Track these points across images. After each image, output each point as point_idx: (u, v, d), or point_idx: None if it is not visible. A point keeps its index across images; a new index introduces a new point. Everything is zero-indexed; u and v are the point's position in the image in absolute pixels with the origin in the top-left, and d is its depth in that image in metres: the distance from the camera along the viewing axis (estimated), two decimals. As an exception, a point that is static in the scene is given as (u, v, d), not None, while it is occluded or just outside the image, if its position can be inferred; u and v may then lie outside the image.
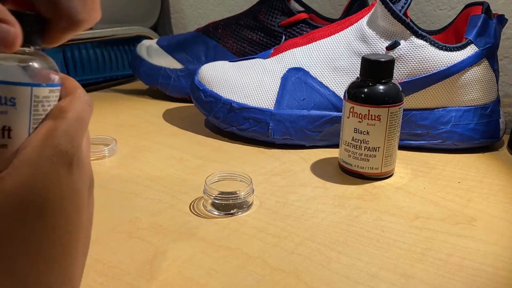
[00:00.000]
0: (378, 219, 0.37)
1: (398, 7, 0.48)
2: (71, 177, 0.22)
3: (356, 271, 0.31)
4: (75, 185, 0.22)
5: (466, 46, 0.48)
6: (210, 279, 0.30)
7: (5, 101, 0.23)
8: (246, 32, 0.66)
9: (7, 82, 0.22)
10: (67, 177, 0.21)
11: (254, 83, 0.52)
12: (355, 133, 0.43)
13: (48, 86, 0.24)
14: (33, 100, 0.23)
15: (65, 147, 0.22)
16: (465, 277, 0.30)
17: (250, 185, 0.39)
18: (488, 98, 0.50)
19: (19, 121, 0.23)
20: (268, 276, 0.30)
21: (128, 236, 0.34)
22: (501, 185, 0.43)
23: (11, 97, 0.23)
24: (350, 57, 0.50)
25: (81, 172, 0.22)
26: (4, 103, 0.23)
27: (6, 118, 0.23)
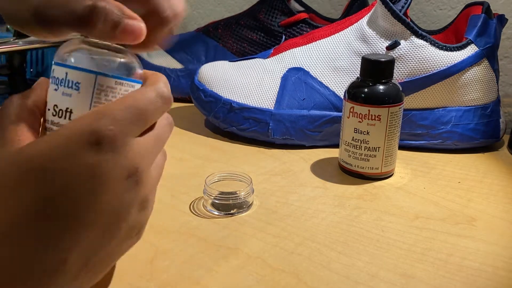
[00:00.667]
0: (378, 219, 0.37)
1: (398, 7, 0.48)
2: (94, 155, 0.21)
3: (356, 271, 0.31)
4: (99, 166, 0.22)
5: (466, 46, 0.48)
6: (210, 279, 0.30)
7: (71, 84, 0.25)
8: (246, 32, 0.66)
9: (75, 67, 0.24)
10: (92, 155, 0.21)
11: (254, 83, 0.52)
12: (355, 133, 0.43)
13: (115, 77, 0.25)
14: (97, 87, 0.25)
15: (100, 126, 0.22)
16: (465, 277, 0.30)
17: (250, 185, 0.39)
18: (488, 98, 0.50)
19: (80, 105, 0.25)
20: (268, 276, 0.30)
21: (128, 236, 0.34)
22: (501, 185, 0.43)
23: (77, 81, 0.25)
24: (350, 57, 0.50)
25: (114, 157, 0.22)
26: (71, 86, 0.25)
27: (70, 101, 0.25)
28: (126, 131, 0.23)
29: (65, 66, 0.25)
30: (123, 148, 0.23)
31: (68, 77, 0.25)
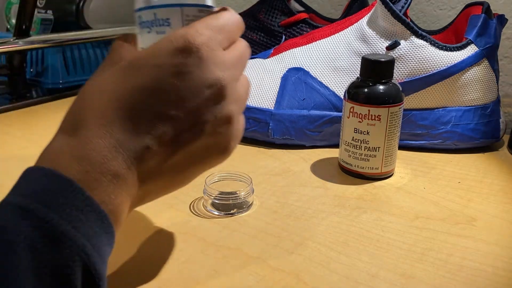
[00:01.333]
0: (378, 219, 0.37)
1: (398, 7, 0.48)
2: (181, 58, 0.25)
3: (356, 271, 0.31)
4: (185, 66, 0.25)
5: (466, 46, 0.48)
6: (210, 279, 0.30)
7: (162, 22, 0.27)
8: (246, 32, 0.66)
9: (162, 5, 0.27)
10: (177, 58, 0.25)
11: (254, 83, 0.52)
12: (355, 133, 0.43)
13: (197, 6, 0.27)
14: (184, 19, 0.27)
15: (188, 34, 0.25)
16: (465, 277, 0.30)
17: (250, 185, 0.39)
18: (488, 98, 0.50)
19: None
20: (268, 276, 0.30)
21: (129, 236, 0.34)
22: (501, 185, 0.43)
23: (166, 17, 0.27)
24: (350, 57, 0.50)
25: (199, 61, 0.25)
26: (162, 24, 0.27)
27: None
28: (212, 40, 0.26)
29: (152, 7, 0.27)
30: (208, 56, 0.25)
31: (157, 17, 0.27)
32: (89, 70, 0.76)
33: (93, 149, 0.23)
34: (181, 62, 0.25)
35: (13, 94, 0.70)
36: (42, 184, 0.22)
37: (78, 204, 0.21)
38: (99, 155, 0.23)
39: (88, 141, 0.24)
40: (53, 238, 0.20)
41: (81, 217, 0.21)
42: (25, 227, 0.20)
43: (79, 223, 0.21)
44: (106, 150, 0.24)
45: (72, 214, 0.21)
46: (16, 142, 0.53)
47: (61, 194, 0.21)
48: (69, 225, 0.21)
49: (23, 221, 0.20)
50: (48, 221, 0.20)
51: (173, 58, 0.25)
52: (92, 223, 0.22)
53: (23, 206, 0.20)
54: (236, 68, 0.27)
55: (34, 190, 0.21)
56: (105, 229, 0.23)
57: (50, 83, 0.73)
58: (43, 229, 0.20)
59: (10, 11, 0.82)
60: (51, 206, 0.21)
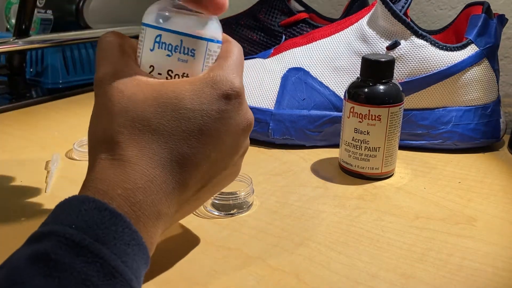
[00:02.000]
0: (378, 219, 0.37)
1: (399, 7, 0.48)
2: (224, 105, 0.27)
3: (356, 271, 0.31)
4: (227, 112, 0.27)
5: (466, 46, 0.48)
6: (210, 279, 0.30)
7: (187, 51, 0.28)
8: (246, 32, 0.66)
9: (192, 35, 0.27)
10: (220, 103, 0.26)
11: (254, 83, 0.52)
12: (356, 133, 0.43)
13: (217, 42, 0.29)
14: (207, 53, 0.28)
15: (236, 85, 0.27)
16: (465, 277, 0.30)
17: (250, 185, 0.39)
18: (488, 98, 0.50)
19: (195, 70, 0.28)
20: (268, 276, 0.30)
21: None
22: (501, 185, 0.43)
23: (192, 48, 0.28)
24: (350, 57, 0.50)
25: (238, 107, 0.27)
26: (187, 53, 0.28)
27: (186, 66, 0.28)
28: (242, 85, 0.28)
29: (180, 33, 0.27)
30: (243, 99, 0.28)
31: (183, 44, 0.27)
32: (89, 70, 0.76)
33: (143, 192, 0.24)
34: (225, 109, 0.27)
35: (13, 94, 0.70)
36: (93, 218, 0.22)
37: (126, 238, 0.22)
38: (149, 198, 0.25)
39: (133, 180, 0.24)
40: (106, 273, 0.21)
41: (128, 251, 0.22)
42: (79, 263, 0.20)
43: (126, 257, 0.22)
44: (155, 192, 0.25)
45: (121, 248, 0.22)
46: (16, 142, 0.53)
47: (112, 228, 0.22)
48: (119, 259, 0.22)
49: (78, 258, 0.20)
50: (102, 257, 0.21)
51: (217, 104, 0.26)
52: (136, 256, 0.23)
53: (77, 241, 0.21)
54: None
55: (86, 222, 0.22)
56: (145, 260, 0.24)
57: (50, 83, 0.73)
58: (97, 264, 0.21)
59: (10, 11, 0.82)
60: (103, 241, 0.21)
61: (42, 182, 0.42)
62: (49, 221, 0.23)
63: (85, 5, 0.77)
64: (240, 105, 0.27)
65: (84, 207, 0.22)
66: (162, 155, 0.25)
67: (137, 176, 0.24)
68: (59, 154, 0.48)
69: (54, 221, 0.22)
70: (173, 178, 0.26)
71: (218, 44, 0.29)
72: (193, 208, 0.30)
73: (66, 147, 0.50)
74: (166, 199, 0.26)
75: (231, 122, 0.27)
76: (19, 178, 0.43)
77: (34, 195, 0.40)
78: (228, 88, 0.27)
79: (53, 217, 0.23)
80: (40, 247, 0.20)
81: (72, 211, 0.22)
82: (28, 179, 0.43)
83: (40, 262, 0.20)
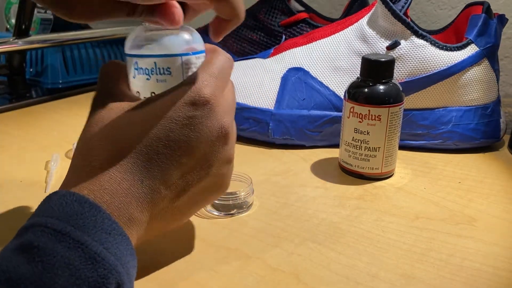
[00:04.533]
0: (379, 219, 0.37)
1: (399, 7, 0.48)
2: (192, 111, 0.27)
3: (356, 271, 0.31)
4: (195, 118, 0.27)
5: (466, 46, 0.48)
6: (210, 279, 0.30)
7: (163, 71, 0.29)
8: (246, 32, 0.66)
9: (163, 55, 0.29)
10: (187, 110, 0.27)
11: (254, 83, 0.52)
12: (356, 133, 0.43)
13: (195, 54, 0.29)
14: (184, 67, 0.29)
15: (204, 92, 0.27)
16: (465, 277, 0.30)
17: (250, 185, 0.39)
18: (488, 98, 0.50)
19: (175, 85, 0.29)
20: (268, 276, 0.30)
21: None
22: (501, 185, 0.43)
23: (167, 67, 0.29)
24: (350, 57, 0.50)
25: (208, 113, 0.27)
26: (163, 73, 0.29)
27: (166, 85, 0.29)
28: (216, 89, 0.28)
29: (151, 56, 0.29)
30: (215, 105, 0.28)
31: (158, 66, 0.29)
32: (88, 70, 0.76)
33: (109, 193, 0.25)
34: (193, 115, 0.27)
35: (13, 94, 0.70)
36: (74, 209, 0.23)
37: (106, 228, 0.23)
38: (116, 200, 0.25)
39: (108, 186, 0.25)
40: (88, 257, 0.22)
41: (109, 239, 0.23)
42: (61, 248, 0.21)
43: (108, 244, 0.23)
44: (123, 195, 0.26)
45: (102, 236, 0.23)
46: (16, 142, 0.53)
47: (92, 218, 0.23)
48: (101, 246, 0.22)
49: (60, 243, 0.21)
50: (83, 243, 0.22)
51: (186, 111, 0.27)
52: (119, 245, 0.24)
53: (59, 229, 0.22)
54: (232, 110, 0.30)
55: (67, 213, 0.23)
56: (129, 251, 0.24)
57: (49, 83, 0.73)
58: (79, 249, 0.22)
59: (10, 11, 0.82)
60: (83, 229, 0.22)
61: (42, 182, 0.42)
62: (33, 216, 0.24)
63: (85, 5, 0.76)
64: (211, 111, 0.28)
65: (65, 200, 0.24)
66: (130, 160, 0.26)
67: (104, 179, 0.25)
68: (59, 154, 0.48)
69: (37, 215, 0.23)
70: (142, 183, 0.26)
71: (197, 55, 0.30)
72: (176, 219, 0.29)
73: (66, 147, 0.50)
74: (137, 203, 0.26)
75: (201, 129, 0.27)
76: (19, 178, 0.43)
77: (33, 195, 0.40)
78: (195, 95, 0.27)
79: (36, 212, 0.24)
80: (24, 239, 0.22)
81: (54, 205, 0.24)
82: (28, 179, 0.43)
83: (24, 252, 0.21)
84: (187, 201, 0.29)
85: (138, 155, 0.26)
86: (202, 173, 0.28)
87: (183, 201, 0.29)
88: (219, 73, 0.29)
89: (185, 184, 0.28)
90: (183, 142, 0.27)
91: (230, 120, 0.29)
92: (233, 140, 0.30)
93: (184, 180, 0.28)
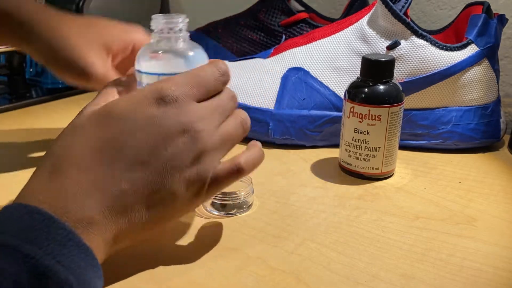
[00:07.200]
0: (379, 219, 0.37)
1: (399, 7, 0.48)
2: (157, 110, 0.27)
3: (356, 271, 0.31)
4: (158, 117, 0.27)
5: (466, 46, 0.48)
6: (210, 279, 0.30)
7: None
8: (246, 32, 0.66)
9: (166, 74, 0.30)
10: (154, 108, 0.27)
11: (254, 83, 0.52)
12: (356, 133, 0.43)
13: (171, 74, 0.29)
14: None
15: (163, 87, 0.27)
16: (465, 277, 0.30)
17: (250, 185, 0.39)
18: (488, 98, 0.50)
19: None
20: (268, 276, 0.30)
21: (128, 236, 0.34)
22: (501, 185, 0.43)
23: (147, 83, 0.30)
24: (350, 57, 0.50)
25: (173, 111, 0.27)
26: None
27: None
28: (186, 92, 0.28)
29: (155, 74, 0.30)
30: (182, 106, 0.27)
31: (142, 80, 0.31)
32: (89, 70, 0.76)
33: (69, 198, 0.24)
34: (154, 113, 0.27)
35: (13, 94, 0.70)
36: (24, 221, 0.22)
37: (60, 240, 0.22)
38: (75, 203, 0.24)
39: (65, 188, 0.25)
40: (37, 272, 0.20)
41: (64, 251, 0.22)
42: (9, 264, 0.20)
43: (62, 257, 0.22)
44: (83, 196, 0.25)
45: (55, 249, 0.22)
46: (16, 142, 0.53)
47: (44, 230, 0.22)
48: (53, 259, 0.21)
49: (7, 257, 0.20)
50: (33, 257, 0.21)
51: (147, 108, 0.27)
52: (75, 257, 0.22)
53: (8, 244, 0.21)
54: (212, 118, 0.29)
55: (17, 227, 0.22)
56: (90, 261, 0.23)
57: (49, 83, 0.73)
58: (28, 264, 0.20)
59: (10, 11, 0.81)
60: (34, 242, 0.21)
61: (42, 182, 0.42)
62: None
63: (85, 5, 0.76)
64: (175, 108, 0.27)
65: (16, 213, 0.23)
66: (92, 160, 0.26)
67: (64, 185, 0.25)
68: (59, 154, 0.48)
69: None
70: (104, 182, 0.26)
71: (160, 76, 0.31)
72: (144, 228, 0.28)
73: (66, 147, 0.50)
74: (97, 203, 0.25)
75: (162, 126, 0.27)
76: (19, 178, 0.43)
77: (33, 195, 0.40)
78: (158, 94, 0.27)
79: None
80: None
81: (5, 219, 0.23)
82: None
83: None
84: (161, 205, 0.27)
85: (102, 156, 0.26)
86: (167, 175, 0.27)
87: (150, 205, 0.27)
88: (195, 84, 0.28)
89: (151, 184, 0.27)
90: (144, 141, 0.26)
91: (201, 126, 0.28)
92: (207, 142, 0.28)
93: (148, 180, 0.27)
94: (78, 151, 0.26)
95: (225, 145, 0.30)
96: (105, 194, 0.25)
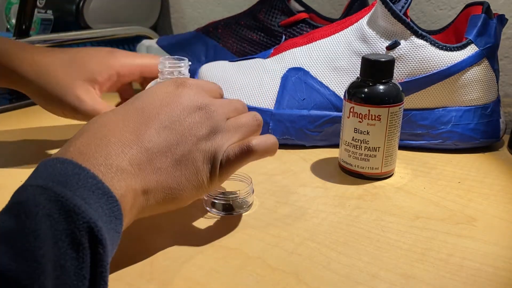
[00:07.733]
0: (378, 219, 0.37)
1: (398, 7, 0.48)
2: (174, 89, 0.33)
3: (356, 271, 0.31)
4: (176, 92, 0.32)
5: (466, 46, 0.48)
6: (210, 279, 0.30)
7: None
8: (246, 32, 0.66)
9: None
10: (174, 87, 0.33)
11: (254, 83, 0.52)
12: (355, 133, 0.43)
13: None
14: None
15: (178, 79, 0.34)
16: (465, 277, 0.30)
17: (250, 185, 0.39)
18: (488, 98, 0.50)
19: None
20: (268, 276, 0.30)
21: (129, 236, 0.34)
22: (501, 185, 0.43)
23: None
24: (350, 57, 0.50)
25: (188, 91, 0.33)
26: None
27: None
28: (192, 81, 0.34)
29: None
30: (197, 88, 0.33)
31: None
32: (89, 70, 0.76)
33: (101, 150, 0.27)
34: (174, 91, 0.32)
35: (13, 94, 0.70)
36: (58, 169, 0.24)
37: (90, 187, 0.24)
38: (107, 154, 0.27)
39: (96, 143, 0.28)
40: (67, 210, 0.22)
41: (93, 197, 0.24)
42: (43, 200, 0.22)
43: (90, 200, 0.24)
44: (113, 150, 0.28)
45: (85, 193, 0.24)
46: (16, 142, 0.53)
47: (75, 177, 0.24)
48: (82, 200, 0.23)
49: (41, 195, 0.22)
50: (64, 196, 0.23)
51: (170, 87, 0.33)
52: (103, 204, 0.24)
53: (41, 185, 0.23)
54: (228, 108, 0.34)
55: (50, 173, 0.24)
56: (114, 213, 0.25)
57: (50, 83, 0.72)
58: (59, 202, 0.22)
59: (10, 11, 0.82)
60: (66, 186, 0.23)
61: (42, 182, 0.42)
62: None
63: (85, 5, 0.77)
64: (191, 89, 0.33)
65: (49, 163, 0.25)
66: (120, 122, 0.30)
67: (90, 134, 0.28)
68: (59, 154, 0.48)
69: (28, 179, 0.25)
70: (127, 129, 0.29)
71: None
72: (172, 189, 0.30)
73: (66, 147, 0.50)
74: (126, 157, 0.28)
75: (180, 101, 0.32)
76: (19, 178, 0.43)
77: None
78: (177, 81, 0.33)
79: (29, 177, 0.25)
80: (10, 202, 0.23)
81: (39, 170, 0.25)
82: (28, 179, 0.43)
83: (10, 209, 0.22)
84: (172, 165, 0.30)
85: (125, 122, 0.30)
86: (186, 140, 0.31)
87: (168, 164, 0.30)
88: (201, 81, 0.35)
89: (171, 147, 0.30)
90: (166, 105, 0.31)
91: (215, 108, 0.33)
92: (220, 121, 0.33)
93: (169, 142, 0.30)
94: (108, 120, 0.30)
95: (236, 131, 0.33)
96: (134, 151, 0.28)
